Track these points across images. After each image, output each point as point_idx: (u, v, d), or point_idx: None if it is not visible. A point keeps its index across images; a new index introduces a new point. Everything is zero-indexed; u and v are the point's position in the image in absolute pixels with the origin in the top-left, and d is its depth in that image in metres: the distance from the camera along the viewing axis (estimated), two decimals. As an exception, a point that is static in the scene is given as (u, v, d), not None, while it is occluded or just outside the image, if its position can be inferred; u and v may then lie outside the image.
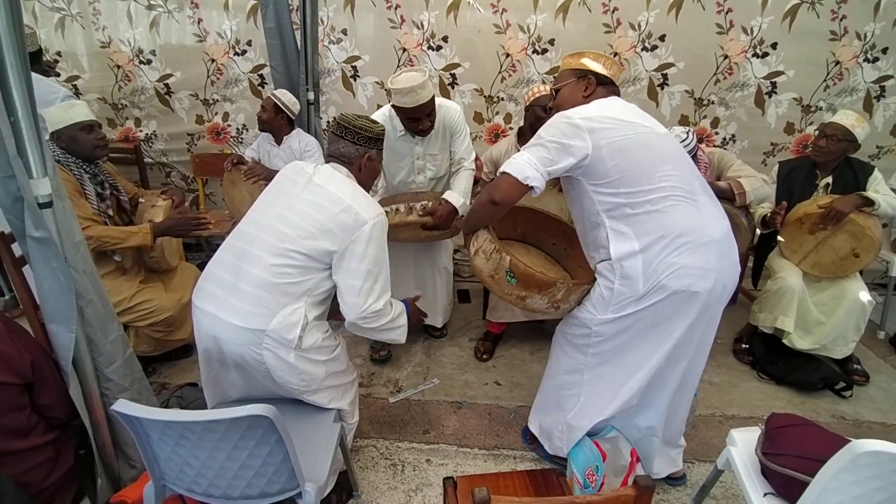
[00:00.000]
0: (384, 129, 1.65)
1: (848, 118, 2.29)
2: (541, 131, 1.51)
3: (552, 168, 1.45)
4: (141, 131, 3.44)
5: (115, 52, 3.24)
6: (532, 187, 1.45)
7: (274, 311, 1.40)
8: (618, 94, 1.63)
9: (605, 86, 1.60)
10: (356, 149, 1.58)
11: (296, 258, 1.42)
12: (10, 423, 1.31)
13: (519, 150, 2.47)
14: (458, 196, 2.18)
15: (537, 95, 2.40)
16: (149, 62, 3.25)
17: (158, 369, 2.44)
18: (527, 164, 1.45)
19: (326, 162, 1.62)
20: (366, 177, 1.63)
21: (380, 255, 1.48)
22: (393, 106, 2.10)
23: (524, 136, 2.53)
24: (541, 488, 1.36)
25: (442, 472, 1.89)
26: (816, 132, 2.40)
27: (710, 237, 1.45)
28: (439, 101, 2.23)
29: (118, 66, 3.28)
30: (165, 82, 3.29)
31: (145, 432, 1.18)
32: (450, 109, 2.25)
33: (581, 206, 1.56)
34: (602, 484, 1.54)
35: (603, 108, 1.49)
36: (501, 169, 1.49)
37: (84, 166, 2.08)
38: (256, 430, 1.11)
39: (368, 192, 1.61)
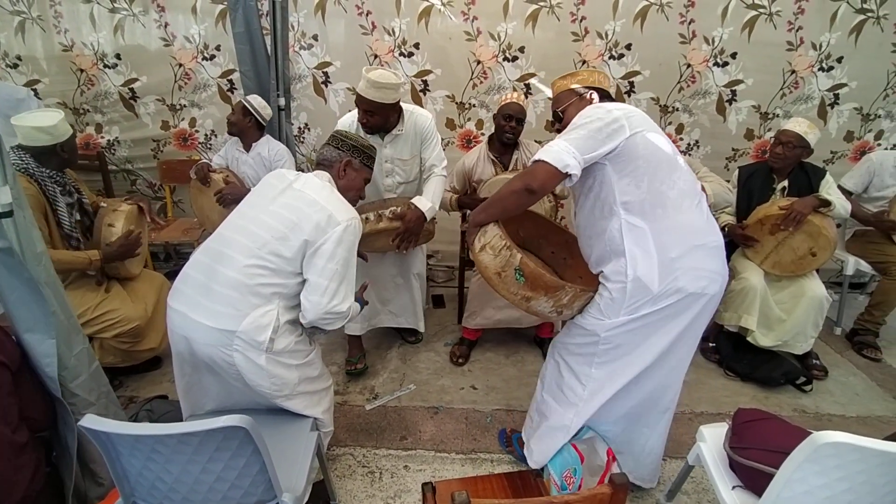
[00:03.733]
0: (371, 146, 1.70)
1: (800, 125, 2.40)
2: (576, 120, 1.48)
3: (589, 155, 1.41)
4: (102, 137, 3.34)
5: (78, 56, 3.14)
6: (570, 175, 1.41)
7: (245, 313, 1.40)
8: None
9: (606, 98, 1.62)
10: (338, 153, 1.64)
11: (269, 260, 1.43)
12: (5, 408, 1.28)
13: (490, 159, 2.54)
14: (427, 201, 2.18)
15: (503, 103, 2.43)
16: (114, 66, 3.16)
17: (125, 382, 2.37)
18: (565, 152, 1.40)
19: (315, 169, 1.66)
20: (345, 184, 1.64)
21: (349, 258, 1.50)
22: (356, 93, 2.08)
23: (493, 143, 2.57)
24: (519, 490, 1.38)
25: (420, 478, 1.88)
26: (773, 139, 2.51)
27: (717, 243, 1.48)
28: (411, 107, 2.25)
29: (81, 70, 3.18)
30: (130, 87, 3.21)
31: (115, 448, 1.14)
32: (421, 116, 2.25)
33: (599, 194, 1.51)
34: (580, 486, 1.57)
35: (626, 106, 1.50)
36: (536, 157, 1.45)
37: (56, 177, 2.02)
38: (232, 441, 1.09)
39: (351, 203, 1.61)
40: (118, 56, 3.15)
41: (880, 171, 2.80)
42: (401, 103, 2.17)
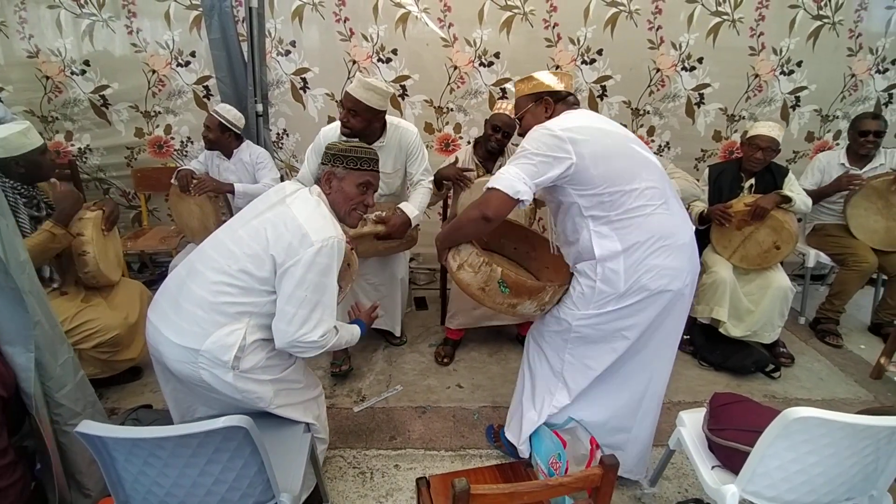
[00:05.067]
0: (354, 147, 1.58)
1: (773, 129, 2.53)
2: (524, 143, 1.53)
3: (539, 180, 1.47)
4: (73, 145, 3.26)
5: (44, 63, 3.06)
6: (522, 201, 1.47)
7: (208, 332, 1.36)
8: (578, 105, 1.70)
9: (563, 101, 1.66)
10: (321, 168, 1.58)
11: (238, 278, 1.37)
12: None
13: (475, 162, 2.60)
14: (413, 208, 2.23)
15: (495, 112, 2.50)
16: (82, 73, 3.09)
17: (105, 394, 2.31)
18: (516, 179, 1.46)
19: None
20: (334, 197, 1.55)
21: (322, 281, 1.38)
22: (344, 91, 2.12)
23: (479, 147, 2.62)
24: (510, 479, 1.43)
25: (411, 476, 1.91)
26: (745, 142, 2.60)
27: (683, 240, 1.55)
28: (397, 121, 2.28)
29: (47, 77, 3.10)
30: (101, 94, 3.15)
31: (110, 454, 1.14)
32: (406, 131, 2.28)
33: (564, 211, 1.60)
34: (566, 471, 1.62)
35: (579, 119, 1.54)
36: (489, 184, 1.50)
37: (19, 189, 1.97)
38: (231, 441, 1.11)
39: (345, 217, 1.57)
40: (87, 62, 3.08)
41: (828, 168, 2.96)
42: (386, 117, 2.20)
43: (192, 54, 3.09)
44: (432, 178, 2.39)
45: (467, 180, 2.44)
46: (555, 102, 1.66)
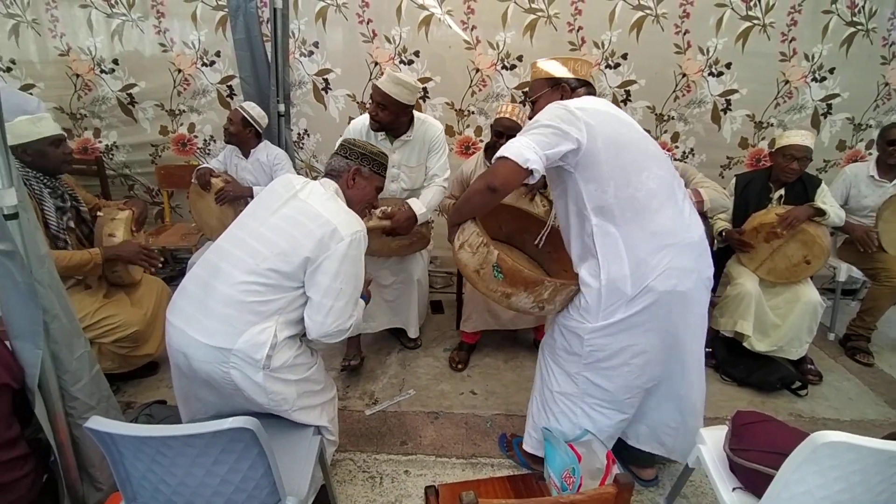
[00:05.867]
0: (381, 153, 1.63)
1: (806, 138, 2.44)
2: (538, 116, 1.48)
3: (550, 152, 1.40)
4: (100, 142, 3.34)
5: (75, 61, 3.14)
6: (532, 171, 1.40)
7: (241, 330, 1.36)
8: (594, 94, 1.65)
9: (581, 88, 1.62)
10: (346, 163, 1.58)
11: (268, 276, 1.38)
12: (6, 430, 1.27)
13: (486, 166, 2.56)
14: (421, 205, 2.22)
15: (497, 116, 2.45)
16: (111, 71, 3.16)
17: (123, 388, 2.35)
18: (526, 148, 1.39)
19: (323, 177, 1.62)
20: (355, 194, 1.59)
21: (355, 272, 1.45)
22: (374, 85, 2.15)
23: (490, 152, 2.60)
24: (521, 493, 1.39)
25: (421, 483, 1.88)
26: (778, 151, 2.50)
27: (691, 239, 1.49)
28: (424, 116, 2.31)
29: (77, 75, 3.18)
30: (129, 92, 3.21)
31: (118, 450, 1.14)
32: (432, 126, 2.31)
33: (568, 201, 1.54)
34: (580, 486, 1.58)
35: (595, 103, 1.50)
36: (498, 154, 1.44)
37: (44, 180, 2.01)
38: (238, 443, 1.10)
39: (357, 214, 1.57)
40: (115, 61, 3.15)
41: (856, 182, 2.85)
42: (414, 112, 2.23)
43: (217, 54, 3.13)
44: (448, 174, 2.39)
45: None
46: (572, 90, 1.61)
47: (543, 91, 1.65)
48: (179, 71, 3.17)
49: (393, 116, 2.14)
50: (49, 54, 3.14)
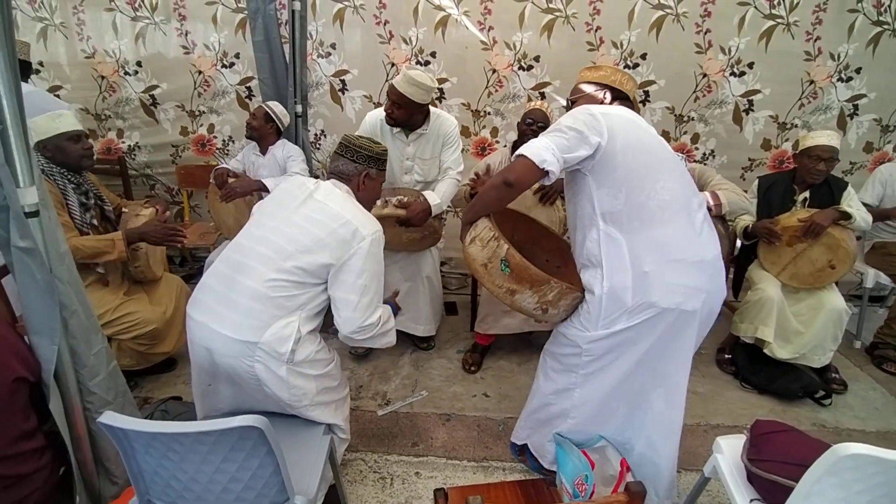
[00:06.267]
0: (386, 150, 1.68)
1: (832, 139, 2.37)
2: (560, 119, 1.51)
3: (568, 155, 1.42)
4: (123, 142, 3.41)
5: (100, 63, 3.22)
6: (547, 172, 1.42)
7: (267, 324, 1.39)
8: (631, 109, 1.67)
9: (620, 101, 1.64)
10: (355, 167, 1.61)
11: (293, 273, 1.42)
12: (24, 422, 1.29)
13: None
14: (436, 197, 2.26)
15: (528, 109, 2.47)
16: (134, 73, 3.23)
17: (140, 383, 2.39)
18: (544, 148, 1.42)
19: (328, 179, 1.64)
20: (365, 195, 1.63)
21: (376, 269, 1.50)
22: (390, 84, 2.22)
23: (516, 149, 2.58)
24: (532, 498, 1.37)
25: (431, 485, 1.87)
26: (803, 153, 2.42)
27: (703, 257, 1.45)
28: (438, 111, 2.36)
29: (102, 77, 3.25)
30: (151, 93, 3.27)
31: (131, 445, 1.15)
32: (446, 120, 2.35)
33: (578, 205, 1.54)
34: (592, 493, 1.55)
35: (620, 111, 1.53)
36: (518, 152, 1.47)
37: (68, 176, 2.05)
38: (247, 441, 1.10)
39: (369, 210, 1.63)
40: (139, 63, 3.22)
41: (891, 181, 2.78)
42: (430, 107, 2.27)
43: (237, 56, 3.17)
44: (462, 168, 2.42)
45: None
46: (612, 99, 1.64)
47: (585, 93, 1.68)
48: (200, 72, 3.22)
49: (408, 115, 2.21)
50: (76, 56, 3.22)
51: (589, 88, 1.68)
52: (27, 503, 1.28)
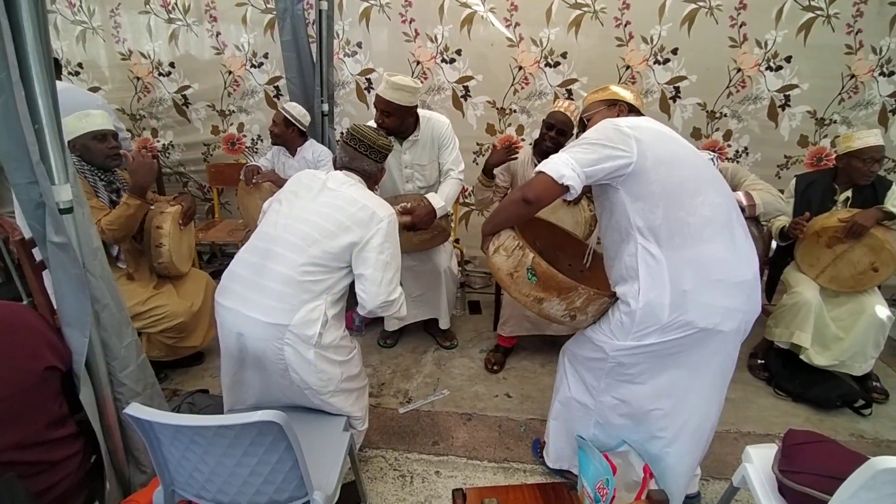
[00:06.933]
0: (389, 145, 1.75)
1: (877, 137, 2.26)
2: (586, 133, 1.47)
3: (590, 169, 1.37)
4: (158, 141, 3.51)
5: (136, 65, 3.32)
6: (568, 187, 1.38)
7: (296, 307, 1.46)
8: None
9: (634, 114, 1.60)
10: (377, 166, 1.70)
11: (320, 257, 1.49)
12: (55, 409, 1.33)
13: (534, 163, 2.52)
14: (440, 199, 2.26)
15: (552, 110, 2.43)
16: (168, 74, 3.32)
17: (170, 375, 2.46)
18: (563, 164, 1.38)
19: (338, 169, 1.69)
20: (374, 185, 1.75)
21: (395, 249, 1.58)
22: (376, 95, 2.19)
23: (537, 148, 2.55)
24: (551, 501, 1.35)
25: (451, 485, 1.87)
26: (852, 155, 2.30)
27: (743, 277, 1.40)
28: (427, 113, 2.34)
29: (138, 78, 3.36)
30: (183, 93, 3.36)
31: (156, 436, 1.18)
32: (438, 122, 2.34)
33: (612, 218, 1.48)
34: (613, 498, 1.51)
35: (647, 122, 1.47)
36: (538, 168, 1.45)
37: (98, 174, 2.12)
38: (266, 436, 1.11)
39: None
40: (172, 64, 3.30)
41: None
42: (418, 110, 2.26)
43: (265, 56, 3.23)
44: (463, 167, 2.42)
45: (515, 154, 2.44)
46: (628, 111, 1.61)
47: (599, 109, 1.65)
48: (230, 72, 3.29)
49: (399, 121, 2.20)
50: (113, 58, 3.33)
51: (601, 106, 1.65)
52: (59, 489, 1.32)
